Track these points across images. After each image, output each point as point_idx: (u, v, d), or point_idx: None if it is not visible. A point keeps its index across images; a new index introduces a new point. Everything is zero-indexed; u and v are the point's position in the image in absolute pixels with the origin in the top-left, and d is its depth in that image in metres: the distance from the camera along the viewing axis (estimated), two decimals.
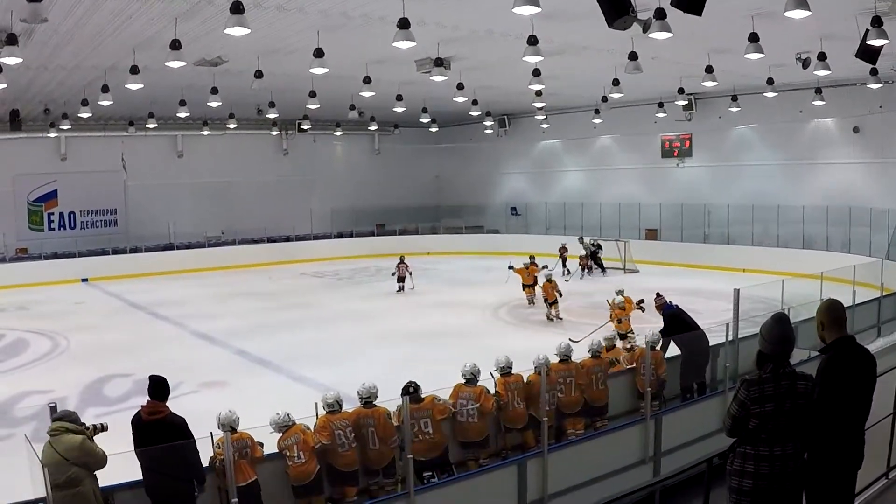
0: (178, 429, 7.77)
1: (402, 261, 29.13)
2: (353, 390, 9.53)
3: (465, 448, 10.00)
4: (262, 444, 8.51)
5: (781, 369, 5.11)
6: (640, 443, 10.38)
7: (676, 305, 14.42)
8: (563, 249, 31.94)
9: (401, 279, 28.86)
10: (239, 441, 8.13)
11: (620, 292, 18.85)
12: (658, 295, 15.05)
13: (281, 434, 8.67)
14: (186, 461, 7.73)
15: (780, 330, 5.19)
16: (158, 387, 7.99)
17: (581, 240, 33.78)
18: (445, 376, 10.38)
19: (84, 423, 7.38)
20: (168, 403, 8.03)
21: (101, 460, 7.14)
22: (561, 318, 22.27)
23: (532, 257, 25.77)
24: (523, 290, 24.74)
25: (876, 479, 7.33)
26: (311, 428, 8.92)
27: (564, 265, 31.44)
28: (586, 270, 30.43)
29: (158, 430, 7.75)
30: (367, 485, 9.26)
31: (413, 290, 28.58)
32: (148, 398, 7.98)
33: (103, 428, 7.51)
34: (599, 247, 33.69)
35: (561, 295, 22.60)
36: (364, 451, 9.13)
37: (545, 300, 22.65)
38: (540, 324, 21.88)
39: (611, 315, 18.75)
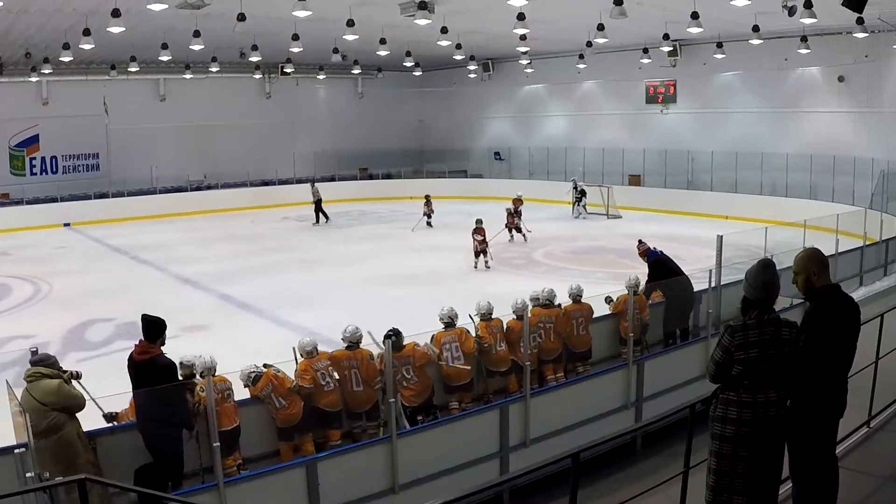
0: (164, 370, 7.72)
1: (427, 200, 30.70)
2: (336, 334, 9.52)
3: (449, 392, 10.04)
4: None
5: (766, 315, 5.12)
6: (623, 388, 10.42)
7: (661, 251, 14.39)
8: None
9: (427, 215, 30.59)
10: (220, 383, 8.05)
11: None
12: (640, 241, 15.02)
13: (253, 387, 8.60)
14: (172, 406, 7.69)
15: (765, 276, 5.19)
16: (149, 327, 7.90)
17: (312, 183, 33.84)
18: (428, 320, 10.37)
19: (62, 368, 7.35)
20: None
21: (79, 402, 7.12)
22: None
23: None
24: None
25: (857, 427, 7.41)
26: (288, 372, 8.83)
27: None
28: (513, 231, 27.64)
29: (147, 371, 7.72)
30: (351, 428, 9.28)
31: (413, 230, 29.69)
32: (141, 338, 7.93)
33: (77, 376, 7.48)
34: (584, 192, 33.66)
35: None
36: (348, 393, 9.14)
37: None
38: (522, 267, 21.85)
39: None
